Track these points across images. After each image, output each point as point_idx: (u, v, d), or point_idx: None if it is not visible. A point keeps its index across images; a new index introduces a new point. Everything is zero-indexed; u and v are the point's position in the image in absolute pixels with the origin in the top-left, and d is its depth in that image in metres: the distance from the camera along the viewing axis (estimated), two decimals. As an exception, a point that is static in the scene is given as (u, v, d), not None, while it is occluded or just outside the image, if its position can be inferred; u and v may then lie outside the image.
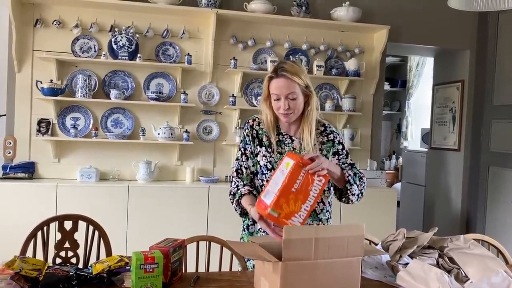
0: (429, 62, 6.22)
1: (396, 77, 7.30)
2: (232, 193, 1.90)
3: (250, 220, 1.97)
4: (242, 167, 1.94)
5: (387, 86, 6.79)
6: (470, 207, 4.65)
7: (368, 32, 4.25)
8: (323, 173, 1.59)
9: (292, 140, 1.94)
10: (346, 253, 1.45)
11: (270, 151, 1.92)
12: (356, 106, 4.18)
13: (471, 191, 4.63)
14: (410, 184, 5.79)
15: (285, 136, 1.95)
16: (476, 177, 4.55)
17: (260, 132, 1.95)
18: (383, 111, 4.79)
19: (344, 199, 1.90)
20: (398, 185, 6.34)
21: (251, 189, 1.87)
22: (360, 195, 1.89)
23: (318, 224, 1.93)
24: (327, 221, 1.99)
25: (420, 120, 6.74)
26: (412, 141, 6.94)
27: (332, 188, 1.95)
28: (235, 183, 1.92)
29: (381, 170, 4.29)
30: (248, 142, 1.95)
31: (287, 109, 1.84)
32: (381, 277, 1.72)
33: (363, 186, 1.89)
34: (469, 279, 1.61)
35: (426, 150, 5.46)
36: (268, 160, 1.90)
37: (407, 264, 1.70)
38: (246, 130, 1.97)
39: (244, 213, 1.90)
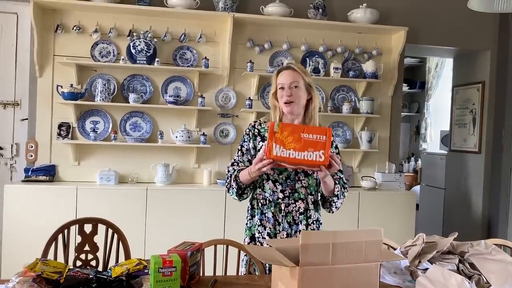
0: (448, 63, 6.13)
1: (414, 78, 7.22)
2: (227, 179, 2.05)
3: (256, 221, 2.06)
4: (238, 159, 2.10)
5: (405, 88, 6.72)
6: (491, 211, 4.56)
7: (385, 34, 4.22)
8: (334, 170, 1.84)
9: None
10: (364, 258, 1.44)
11: None
12: (374, 108, 4.15)
13: (492, 195, 4.54)
14: (430, 187, 5.71)
15: None
16: (497, 180, 4.47)
17: (262, 130, 2.09)
18: (402, 113, 4.74)
19: (326, 208, 2.09)
20: (417, 188, 6.26)
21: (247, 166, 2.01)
22: (339, 207, 2.07)
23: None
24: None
25: (440, 122, 6.64)
26: (432, 143, 6.84)
27: (319, 195, 2.09)
28: (229, 172, 2.07)
29: (400, 173, 4.24)
30: (245, 140, 2.11)
31: (289, 96, 2.00)
32: (400, 282, 1.70)
33: (344, 198, 2.07)
34: (490, 285, 1.58)
35: (446, 152, 5.38)
36: None
37: (426, 269, 1.68)
38: (247, 130, 2.13)
39: (239, 191, 2.02)
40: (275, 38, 4.04)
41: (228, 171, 2.08)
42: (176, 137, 3.78)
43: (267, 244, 1.84)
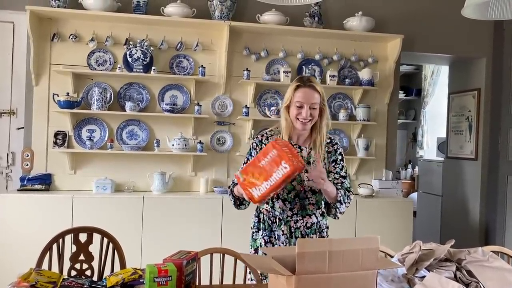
0: (444, 70, 6.16)
1: (411, 85, 7.24)
2: (228, 189, 2.12)
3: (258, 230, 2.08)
4: None
5: (401, 95, 6.74)
6: (488, 218, 4.56)
7: (381, 42, 4.24)
8: (321, 183, 1.87)
9: (301, 150, 2.09)
10: (360, 266, 1.43)
11: None
12: (371, 115, 4.16)
13: (489, 202, 4.54)
14: (427, 194, 5.71)
15: (294, 146, 2.08)
16: (494, 187, 4.47)
17: None
18: (398, 120, 4.75)
19: (331, 215, 2.11)
20: (414, 195, 6.25)
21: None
22: (344, 211, 2.09)
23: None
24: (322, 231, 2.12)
25: (436, 129, 6.65)
26: (428, 150, 6.85)
27: (323, 203, 2.11)
28: (233, 182, 2.09)
29: (397, 180, 4.24)
30: (252, 154, 2.10)
31: (308, 117, 2.00)
32: (397, 290, 1.69)
33: (349, 203, 2.09)
34: (488, 293, 1.57)
35: (443, 159, 5.39)
36: None
37: (423, 277, 1.67)
38: (254, 144, 2.13)
39: (237, 202, 2.10)
40: (272, 46, 4.05)
41: (232, 181, 2.11)
42: (173, 145, 3.77)
43: (263, 253, 1.83)
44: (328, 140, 2.15)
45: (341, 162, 2.13)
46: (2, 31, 3.72)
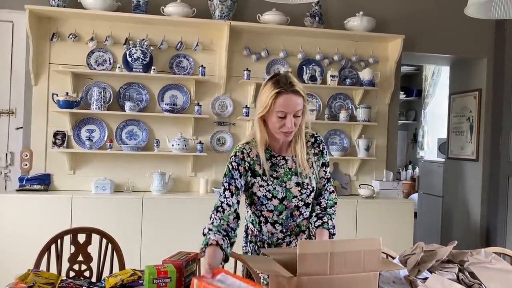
0: (445, 71, 6.14)
1: (411, 86, 7.23)
2: (205, 229, 1.70)
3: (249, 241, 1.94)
4: (224, 204, 1.74)
5: (402, 96, 6.73)
6: (489, 219, 4.54)
7: (382, 42, 4.22)
8: None
9: (286, 161, 1.85)
10: (362, 268, 1.41)
11: (265, 179, 1.82)
12: (371, 116, 4.14)
13: (490, 203, 4.53)
14: (427, 195, 5.69)
15: (278, 158, 1.85)
16: (495, 188, 4.45)
17: (251, 162, 1.81)
18: (399, 121, 4.73)
19: None
20: (415, 196, 6.24)
21: (221, 240, 1.63)
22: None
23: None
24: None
25: (437, 129, 6.64)
26: (429, 151, 6.84)
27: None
28: (211, 218, 1.72)
29: (397, 181, 4.22)
30: (236, 177, 1.77)
31: (292, 127, 1.73)
32: (399, 292, 1.67)
33: (335, 215, 1.89)
34: (491, 295, 1.56)
35: (443, 160, 5.37)
36: (266, 189, 1.81)
37: (426, 279, 1.65)
38: (233, 164, 1.79)
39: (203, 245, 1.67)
40: (272, 46, 4.03)
41: (211, 217, 1.74)
42: (173, 145, 3.75)
43: (264, 254, 1.81)
44: (313, 140, 1.90)
45: (327, 163, 1.92)
46: (1, 31, 3.70)
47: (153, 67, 3.73)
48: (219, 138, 4.00)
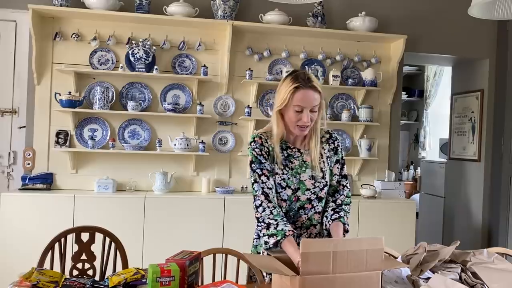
0: (447, 71, 6.15)
1: (413, 86, 7.23)
2: (265, 221, 1.73)
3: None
4: (266, 189, 1.79)
5: (404, 96, 6.73)
6: (491, 219, 4.54)
7: (384, 42, 4.22)
8: None
9: (301, 153, 1.89)
10: (365, 267, 1.42)
11: (282, 167, 1.85)
12: (373, 116, 4.14)
13: (492, 203, 4.52)
14: (429, 195, 5.69)
15: (294, 150, 1.89)
16: (497, 189, 4.45)
17: (270, 149, 1.86)
18: (401, 121, 4.73)
19: None
20: (416, 196, 6.23)
21: (293, 229, 1.73)
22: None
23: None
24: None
25: (438, 130, 6.64)
26: (431, 151, 6.84)
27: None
28: (265, 209, 1.75)
29: (399, 181, 4.22)
30: (263, 161, 1.82)
31: (308, 122, 1.79)
32: (401, 292, 1.67)
33: (349, 214, 1.93)
34: (494, 295, 1.56)
35: (445, 160, 5.37)
36: (282, 178, 1.84)
37: (428, 278, 1.65)
38: (256, 150, 1.83)
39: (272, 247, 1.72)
40: (274, 46, 4.04)
41: (260, 206, 1.76)
42: (175, 145, 3.76)
43: (267, 253, 1.81)
44: (327, 136, 1.95)
45: (343, 160, 1.96)
46: (4, 30, 3.71)
47: (155, 67, 3.74)
48: (221, 137, 4.00)
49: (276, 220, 1.73)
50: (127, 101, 3.77)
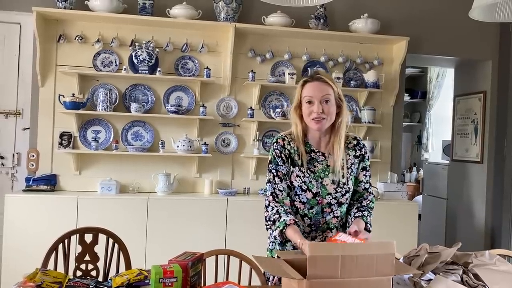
0: (450, 73, 6.14)
1: (416, 88, 7.22)
2: (271, 219, 1.79)
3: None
4: (276, 190, 1.82)
5: (406, 98, 6.72)
6: (494, 221, 4.53)
7: (387, 44, 4.23)
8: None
9: (325, 157, 1.88)
10: (375, 272, 1.36)
11: (303, 170, 1.85)
12: (376, 118, 4.14)
13: (495, 205, 4.52)
14: (432, 197, 5.68)
15: (318, 154, 1.89)
16: (500, 190, 4.44)
17: (292, 151, 1.87)
18: (403, 123, 4.73)
19: None
20: (419, 198, 6.22)
21: (295, 219, 1.76)
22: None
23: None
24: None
25: (441, 131, 6.63)
26: (433, 153, 6.83)
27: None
28: (273, 208, 1.80)
29: (402, 183, 4.22)
30: (280, 164, 1.84)
31: (320, 113, 1.79)
32: (403, 293, 1.68)
33: (372, 216, 1.93)
34: (495, 296, 1.56)
35: (448, 162, 5.36)
36: (302, 180, 1.84)
37: (430, 280, 1.66)
38: (276, 151, 1.86)
39: (285, 242, 1.82)
40: (277, 48, 4.05)
41: (269, 206, 1.81)
42: (178, 146, 3.77)
43: (276, 256, 1.80)
44: (355, 142, 1.94)
45: (369, 168, 1.95)
46: (8, 32, 3.74)
47: (158, 69, 3.76)
48: (224, 139, 4.01)
49: (280, 215, 1.77)
50: (130, 103, 3.79)
